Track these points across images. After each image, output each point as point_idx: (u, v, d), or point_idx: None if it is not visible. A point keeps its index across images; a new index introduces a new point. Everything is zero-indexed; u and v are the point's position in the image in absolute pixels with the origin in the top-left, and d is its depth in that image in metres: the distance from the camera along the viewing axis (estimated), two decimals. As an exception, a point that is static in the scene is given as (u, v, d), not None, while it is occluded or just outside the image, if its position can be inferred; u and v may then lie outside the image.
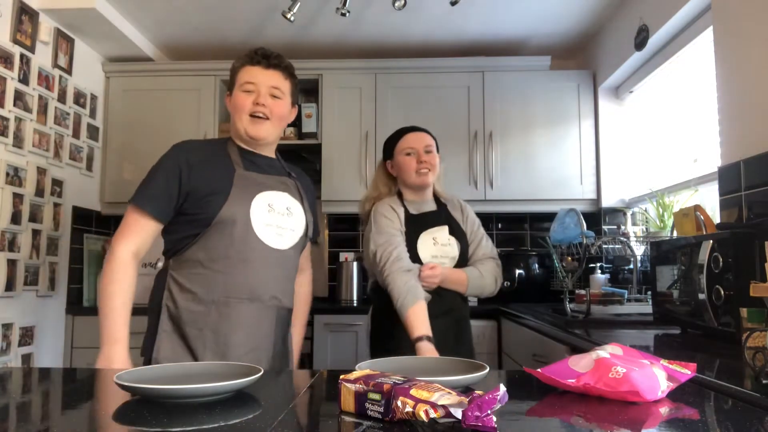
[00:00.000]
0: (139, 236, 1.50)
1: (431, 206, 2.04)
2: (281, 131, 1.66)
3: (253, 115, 1.57)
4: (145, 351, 1.54)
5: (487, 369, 0.96)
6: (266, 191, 1.57)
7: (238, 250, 1.50)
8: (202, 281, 1.50)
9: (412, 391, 0.71)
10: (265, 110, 1.57)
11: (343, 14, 2.60)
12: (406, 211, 1.97)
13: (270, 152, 1.68)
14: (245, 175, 1.56)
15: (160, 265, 1.83)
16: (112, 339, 1.41)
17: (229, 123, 1.70)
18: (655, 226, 2.43)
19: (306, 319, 1.88)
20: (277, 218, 1.57)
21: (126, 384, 0.85)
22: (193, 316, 1.49)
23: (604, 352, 0.91)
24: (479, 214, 2.18)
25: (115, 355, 1.40)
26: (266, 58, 1.62)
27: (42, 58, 2.83)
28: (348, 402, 0.78)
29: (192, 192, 1.50)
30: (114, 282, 1.45)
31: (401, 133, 2.06)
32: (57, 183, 2.94)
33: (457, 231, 1.99)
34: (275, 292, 1.56)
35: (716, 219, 1.88)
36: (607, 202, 3.29)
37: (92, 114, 3.29)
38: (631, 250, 2.57)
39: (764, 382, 0.94)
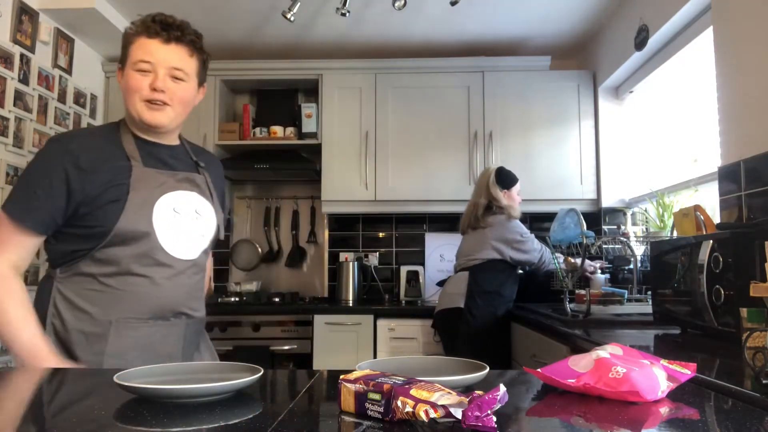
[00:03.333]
0: (15, 252, 1.28)
1: None
2: (185, 116, 1.41)
3: (149, 102, 1.32)
4: None
5: (487, 369, 0.96)
6: (170, 192, 1.35)
7: (139, 263, 1.29)
8: (96, 299, 1.29)
9: (412, 391, 0.71)
10: (164, 97, 1.32)
11: (343, 14, 2.60)
12: None
13: (172, 139, 1.44)
14: (144, 173, 1.32)
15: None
16: (35, 354, 1.23)
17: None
18: (655, 226, 2.43)
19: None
20: (184, 224, 1.36)
21: (126, 384, 0.85)
22: (86, 339, 1.28)
23: (604, 352, 0.91)
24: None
25: (26, 354, 1.23)
26: (166, 29, 1.32)
27: (42, 58, 2.83)
28: (348, 402, 0.78)
29: (83, 202, 1.27)
30: (3, 297, 1.25)
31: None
32: (57, 183, 2.94)
33: None
34: (183, 307, 1.37)
35: (716, 219, 1.88)
36: (607, 202, 3.29)
37: (92, 114, 3.29)
38: (631, 250, 2.57)
39: (764, 382, 0.94)
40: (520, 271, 2.89)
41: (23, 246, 1.29)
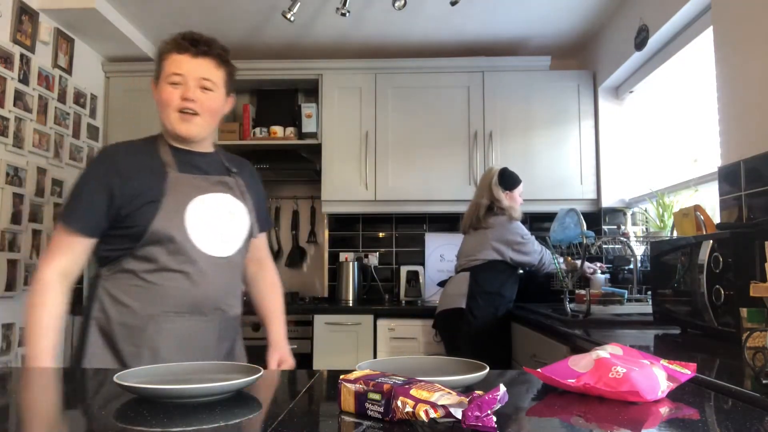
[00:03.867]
0: (66, 256, 1.39)
1: None
2: (215, 125, 1.53)
3: (181, 111, 1.43)
4: (75, 361, 1.42)
5: (487, 369, 0.96)
6: (204, 194, 1.45)
7: (176, 261, 1.39)
8: (137, 294, 1.39)
9: (412, 391, 0.71)
10: (194, 105, 1.42)
11: (343, 14, 2.60)
12: None
13: (206, 147, 1.54)
14: (179, 178, 1.43)
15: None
16: (36, 359, 1.32)
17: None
18: (655, 226, 2.43)
19: (281, 308, 1.73)
20: (218, 223, 1.45)
21: (126, 384, 0.85)
22: (127, 332, 1.38)
23: (604, 352, 0.91)
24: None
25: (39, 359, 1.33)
26: (194, 44, 1.43)
27: (42, 58, 2.83)
28: (348, 402, 0.78)
29: (124, 205, 1.38)
30: (37, 306, 1.35)
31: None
32: (57, 183, 2.94)
33: None
34: (219, 303, 1.46)
35: (716, 219, 1.88)
36: (607, 202, 3.29)
37: (92, 114, 3.29)
38: (631, 250, 2.57)
39: (764, 382, 0.94)
40: (521, 272, 2.89)
41: (73, 250, 1.40)
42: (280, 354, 1.65)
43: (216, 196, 1.47)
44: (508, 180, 2.79)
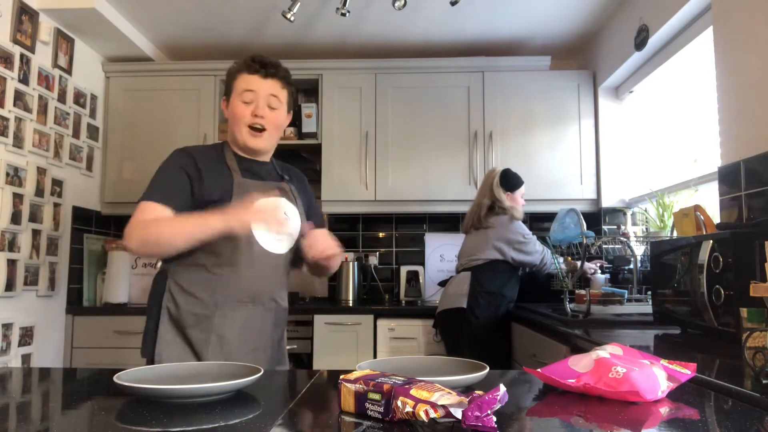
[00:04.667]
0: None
1: None
2: (278, 138, 1.69)
3: (251, 127, 1.59)
4: (145, 352, 1.55)
5: (487, 369, 0.96)
6: (264, 197, 1.58)
7: (242, 256, 1.53)
8: (206, 285, 1.53)
9: (412, 391, 0.71)
10: (263, 122, 1.59)
11: (343, 14, 2.60)
12: None
13: (265, 157, 1.70)
14: (243, 182, 1.58)
15: (159, 265, 1.82)
16: (216, 216, 1.42)
17: (228, 123, 1.69)
18: (655, 226, 2.43)
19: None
20: None
21: (126, 384, 0.85)
22: (196, 319, 1.52)
23: (604, 352, 0.91)
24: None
25: (234, 211, 1.42)
26: (264, 66, 1.60)
27: (42, 58, 2.83)
28: (348, 402, 0.78)
29: (197, 199, 1.52)
30: (157, 223, 1.45)
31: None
32: (57, 183, 2.94)
33: None
34: (274, 294, 1.61)
35: (716, 219, 1.88)
36: (607, 202, 3.29)
37: (92, 114, 3.29)
38: (631, 250, 2.57)
39: (764, 382, 0.94)
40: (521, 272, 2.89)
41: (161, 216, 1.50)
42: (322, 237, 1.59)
43: (273, 200, 1.60)
44: (510, 181, 2.79)
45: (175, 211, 1.49)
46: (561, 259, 2.54)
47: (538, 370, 0.94)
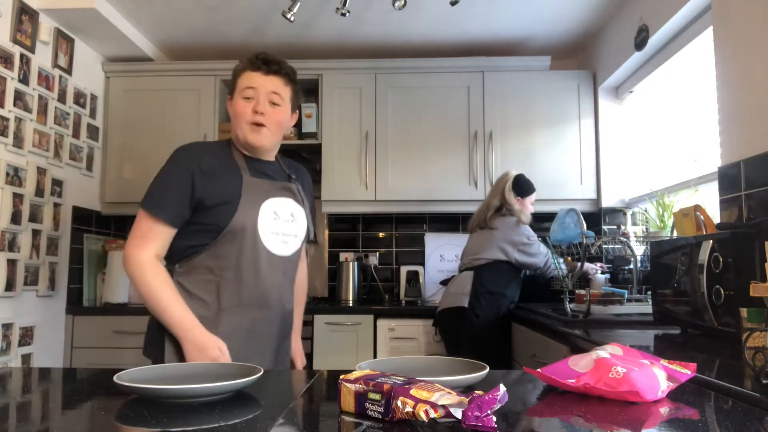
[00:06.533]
0: (155, 243, 1.49)
1: None
2: (281, 137, 1.66)
3: (252, 123, 1.56)
4: (148, 353, 1.54)
5: (487, 369, 0.96)
6: (271, 198, 1.57)
7: (248, 259, 1.51)
8: (211, 288, 1.51)
9: (412, 391, 0.71)
10: (263, 118, 1.56)
11: (343, 14, 2.60)
12: None
13: (271, 157, 1.68)
14: (252, 182, 1.56)
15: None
16: (186, 328, 1.44)
17: (229, 123, 1.69)
18: (655, 226, 2.43)
19: (302, 307, 1.88)
20: (281, 226, 1.58)
21: (126, 384, 0.85)
22: (201, 322, 1.49)
23: (604, 352, 0.91)
24: (479, 214, 2.19)
25: (200, 339, 1.43)
26: (267, 63, 1.58)
27: (42, 58, 2.83)
28: (348, 402, 0.78)
29: (203, 200, 1.50)
30: (152, 280, 1.45)
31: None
32: (57, 183, 2.94)
33: None
34: (280, 297, 1.60)
35: (716, 219, 1.88)
36: (607, 202, 3.29)
37: (92, 114, 3.29)
38: (631, 250, 2.57)
39: (764, 382, 0.94)
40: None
41: (161, 237, 1.50)
42: (293, 347, 1.76)
43: (281, 200, 1.60)
44: (522, 187, 2.81)
45: (171, 223, 1.49)
46: (561, 260, 2.54)
47: (538, 370, 0.94)
